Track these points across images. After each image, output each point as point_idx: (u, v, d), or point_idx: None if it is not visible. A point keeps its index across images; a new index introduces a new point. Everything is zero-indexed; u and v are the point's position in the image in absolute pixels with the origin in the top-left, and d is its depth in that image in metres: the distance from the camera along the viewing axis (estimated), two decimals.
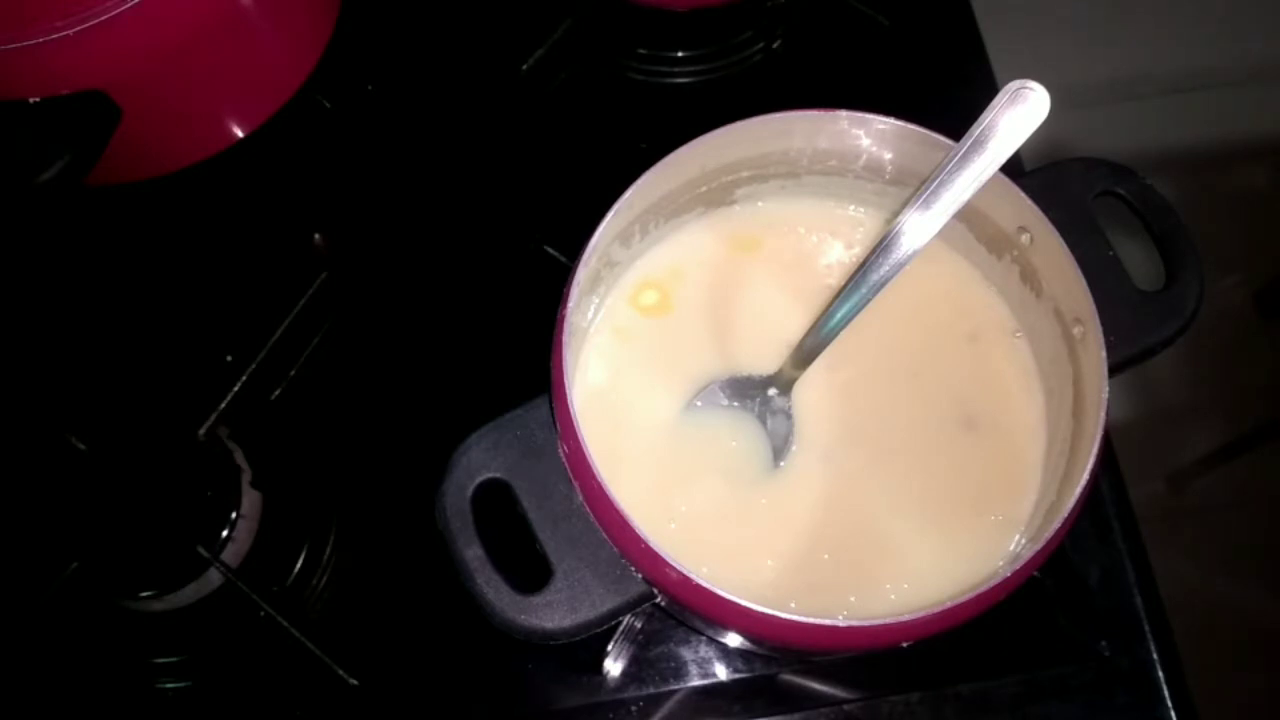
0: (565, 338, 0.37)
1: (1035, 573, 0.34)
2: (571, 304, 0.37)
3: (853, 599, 0.39)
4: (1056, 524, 0.34)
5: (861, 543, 0.40)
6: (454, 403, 0.50)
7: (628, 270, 0.44)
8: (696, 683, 0.47)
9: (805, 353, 0.40)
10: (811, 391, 0.42)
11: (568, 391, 0.36)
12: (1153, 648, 0.47)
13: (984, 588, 0.33)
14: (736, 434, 0.41)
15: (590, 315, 0.43)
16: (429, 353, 0.54)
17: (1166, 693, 0.47)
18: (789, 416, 0.41)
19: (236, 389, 0.51)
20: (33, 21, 0.42)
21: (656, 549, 0.34)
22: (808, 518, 0.40)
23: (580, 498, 0.37)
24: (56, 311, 0.56)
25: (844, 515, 0.40)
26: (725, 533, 0.40)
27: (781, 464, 0.41)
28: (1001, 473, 0.41)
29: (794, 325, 0.42)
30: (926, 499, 0.41)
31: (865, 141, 0.42)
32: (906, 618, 0.33)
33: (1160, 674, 0.47)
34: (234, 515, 0.48)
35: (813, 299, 0.44)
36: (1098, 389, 0.36)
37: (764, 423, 0.41)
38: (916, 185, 0.41)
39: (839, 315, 0.38)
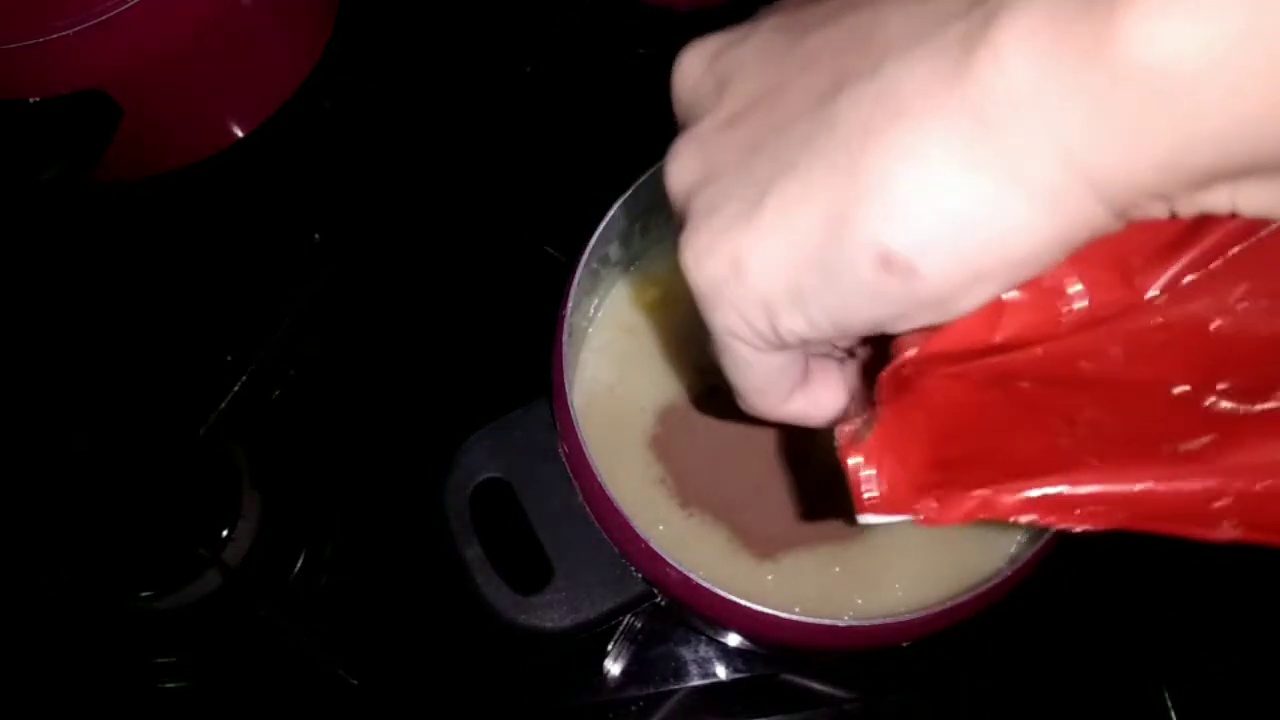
0: (565, 338, 0.37)
1: (1035, 572, 0.34)
2: (571, 304, 0.37)
3: (859, 601, 0.39)
4: None
5: (862, 542, 0.40)
6: (454, 403, 0.50)
7: (628, 270, 0.44)
8: (696, 683, 0.47)
9: None
10: None
11: (567, 391, 0.36)
12: (1153, 647, 0.47)
13: (984, 588, 0.33)
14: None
15: (590, 315, 0.43)
16: (429, 353, 0.54)
17: (1166, 693, 0.47)
18: None
19: (236, 389, 0.51)
20: (33, 21, 0.42)
21: (657, 549, 0.34)
22: None
23: (580, 498, 0.37)
24: (57, 311, 0.56)
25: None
26: None
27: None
28: None
29: None
30: None
31: None
32: (906, 618, 0.33)
33: (1160, 673, 0.47)
34: (234, 515, 0.48)
35: None
36: None
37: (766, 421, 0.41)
38: None
39: None
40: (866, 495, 0.22)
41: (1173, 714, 0.46)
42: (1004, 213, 0.17)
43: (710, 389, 0.42)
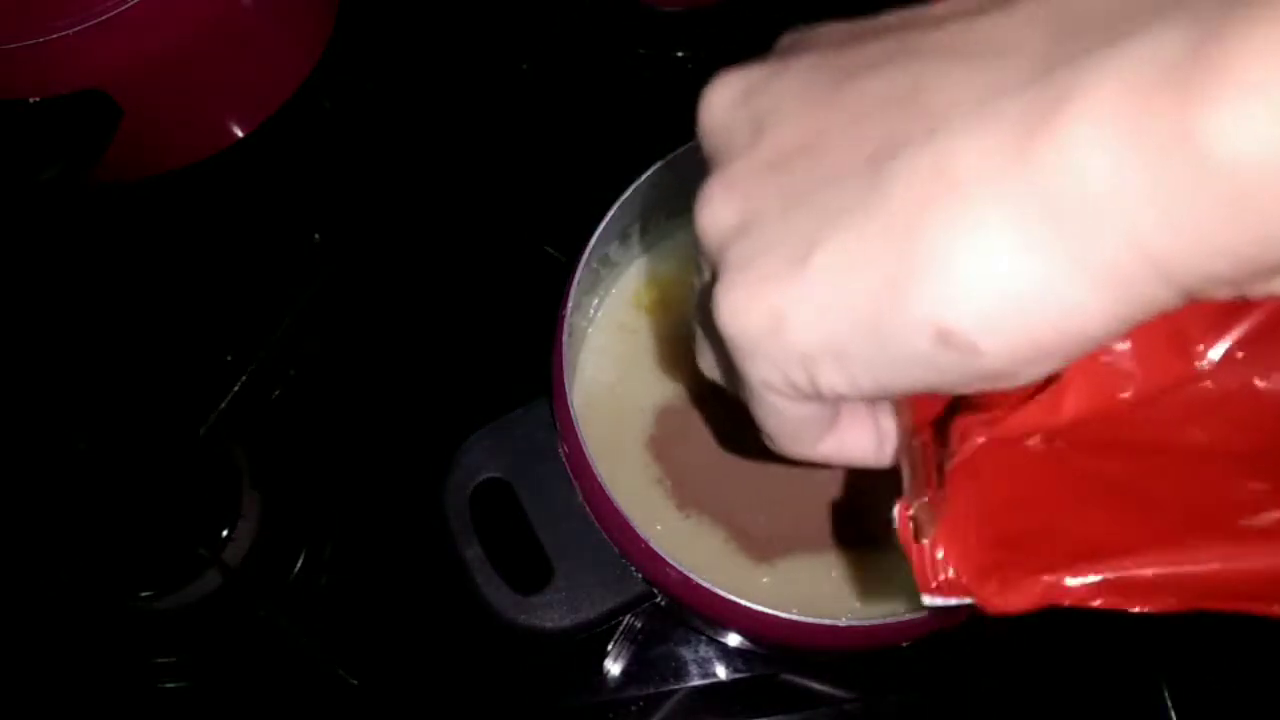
0: (565, 338, 0.37)
1: None
2: (571, 304, 0.37)
3: (857, 604, 0.39)
4: None
5: (860, 547, 0.40)
6: (454, 403, 0.50)
7: (628, 270, 0.44)
8: (696, 683, 0.47)
9: None
10: None
11: (567, 391, 0.36)
12: (1153, 647, 0.47)
13: None
14: None
15: (590, 315, 0.43)
16: (429, 353, 0.54)
17: (1166, 693, 0.47)
18: None
19: (236, 389, 0.51)
20: (33, 21, 0.42)
21: (656, 549, 0.34)
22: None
23: (580, 498, 0.37)
24: (57, 311, 0.56)
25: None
26: None
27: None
28: None
29: None
30: None
31: None
32: (906, 618, 0.33)
33: (1161, 673, 0.47)
34: (234, 515, 0.48)
35: None
36: None
37: None
38: None
39: None
40: (933, 579, 0.21)
41: (1173, 714, 0.46)
42: (1068, 295, 0.17)
43: (709, 391, 0.42)
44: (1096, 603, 0.20)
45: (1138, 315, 0.17)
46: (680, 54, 0.61)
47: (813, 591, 0.39)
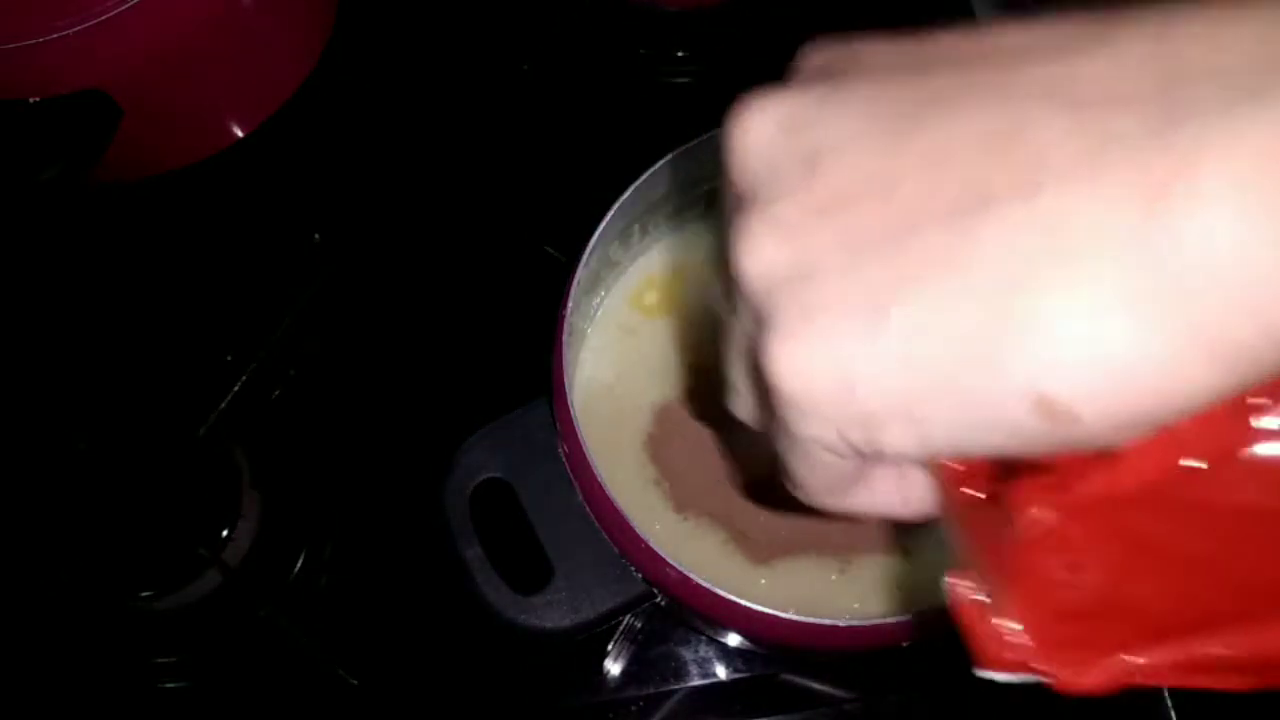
0: (565, 338, 0.37)
1: None
2: (571, 304, 0.37)
3: (856, 605, 0.39)
4: None
5: (860, 551, 0.40)
6: (454, 403, 0.50)
7: (628, 270, 0.44)
8: (696, 683, 0.47)
9: None
10: None
11: (567, 392, 0.36)
12: None
13: None
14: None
15: (590, 315, 0.43)
16: (429, 353, 0.54)
17: (1166, 692, 0.47)
18: None
19: (236, 389, 0.51)
20: (33, 21, 0.42)
21: (656, 549, 0.34)
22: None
23: (580, 497, 0.37)
24: (57, 311, 0.56)
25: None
26: None
27: None
28: None
29: None
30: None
31: None
32: (906, 618, 0.33)
33: None
34: (234, 515, 0.48)
35: None
36: None
37: None
38: None
39: None
40: (1000, 654, 0.20)
41: (1173, 714, 0.46)
42: (1180, 365, 0.16)
43: (708, 392, 0.42)
44: (1171, 682, 0.19)
45: (1243, 385, 0.17)
46: (681, 54, 0.61)
47: (811, 593, 0.39)
